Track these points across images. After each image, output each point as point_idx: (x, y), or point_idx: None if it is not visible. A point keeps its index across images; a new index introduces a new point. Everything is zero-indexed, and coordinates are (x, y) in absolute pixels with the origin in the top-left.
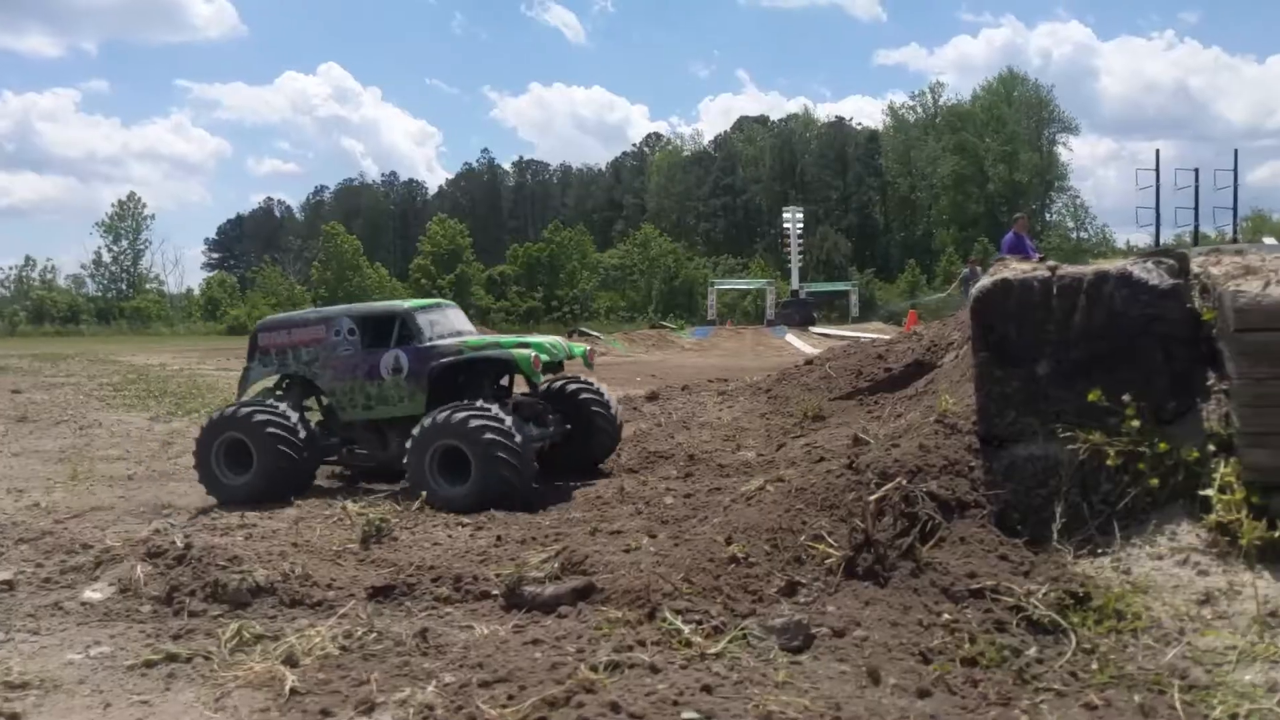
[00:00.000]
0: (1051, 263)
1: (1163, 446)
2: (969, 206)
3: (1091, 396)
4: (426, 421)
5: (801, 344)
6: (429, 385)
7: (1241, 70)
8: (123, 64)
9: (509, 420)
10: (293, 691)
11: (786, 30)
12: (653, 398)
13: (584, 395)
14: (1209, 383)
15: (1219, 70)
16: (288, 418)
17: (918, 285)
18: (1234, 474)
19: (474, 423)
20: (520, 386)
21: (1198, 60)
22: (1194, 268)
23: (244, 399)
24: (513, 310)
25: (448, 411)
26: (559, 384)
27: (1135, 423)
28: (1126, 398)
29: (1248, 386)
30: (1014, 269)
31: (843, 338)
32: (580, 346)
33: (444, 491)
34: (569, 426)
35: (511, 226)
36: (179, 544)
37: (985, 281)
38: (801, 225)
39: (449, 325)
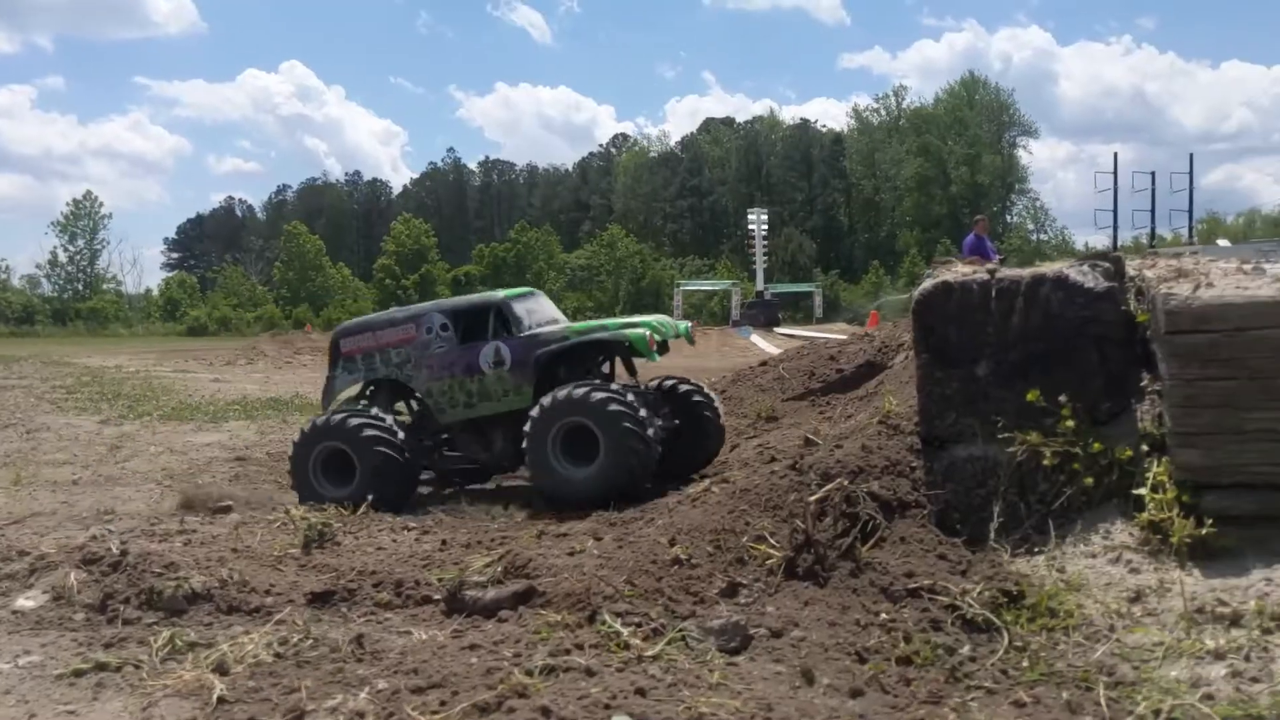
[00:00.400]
0: (990, 266)
1: (1097, 447)
2: (932, 208)
3: (1030, 396)
4: (546, 401)
5: (766, 345)
6: (536, 375)
7: (1196, 76)
8: (79, 60)
9: (635, 399)
10: (221, 700)
11: (752, 32)
12: None
13: (694, 395)
14: (1143, 384)
15: (1175, 76)
16: (387, 423)
17: (882, 286)
18: (1166, 473)
19: (601, 397)
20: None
21: (1154, 66)
22: (1130, 270)
23: (335, 408)
24: None
25: (570, 388)
26: (666, 382)
27: (1071, 423)
28: (1063, 398)
29: (1178, 387)
30: (956, 272)
31: (807, 338)
32: (684, 324)
33: (566, 473)
34: (677, 422)
35: (477, 227)
36: (115, 550)
37: (926, 284)
38: (766, 227)
39: (545, 313)
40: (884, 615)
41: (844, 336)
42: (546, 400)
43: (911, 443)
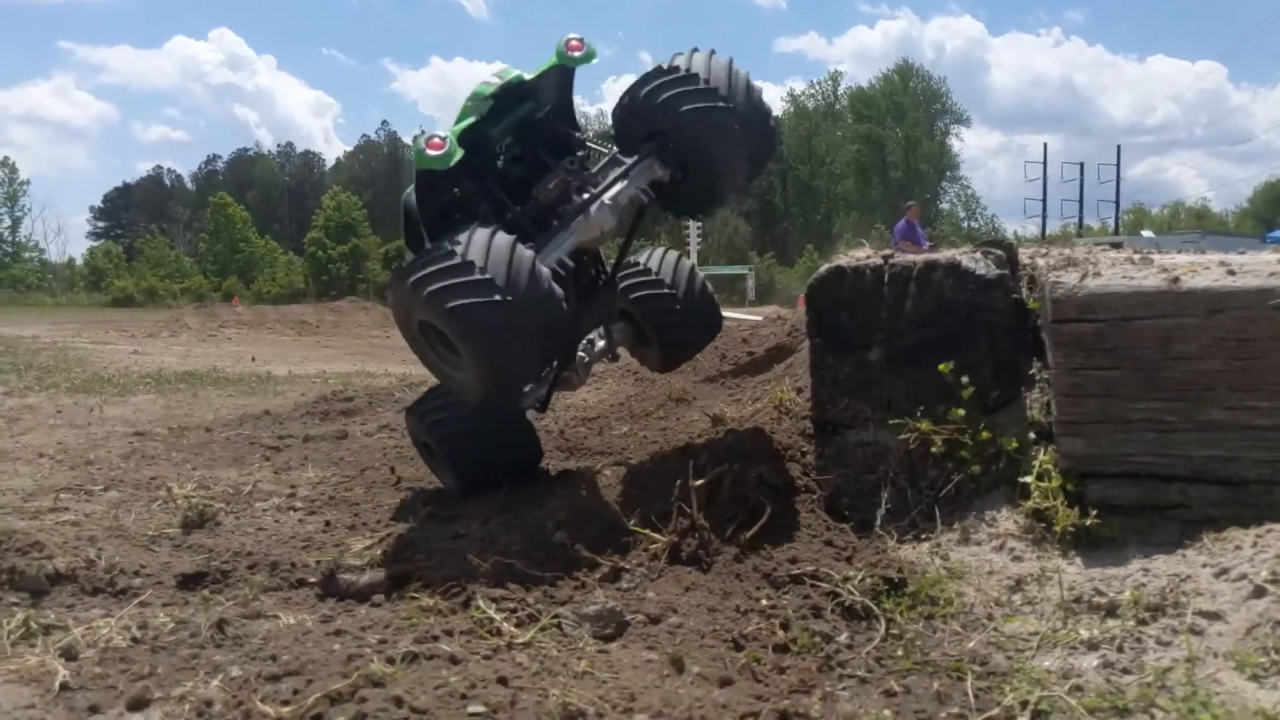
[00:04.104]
0: (886, 251)
1: (984, 435)
2: (869, 193)
3: (943, 367)
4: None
5: None
6: None
7: (1124, 69)
8: (2, 23)
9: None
10: (63, 687)
11: (689, 14)
12: None
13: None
14: (1033, 372)
15: (1102, 68)
16: None
17: (816, 270)
18: (1051, 462)
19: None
20: None
21: (1083, 58)
22: (1023, 259)
23: None
24: None
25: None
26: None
27: (960, 411)
28: (965, 379)
29: (1063, 376)
30: (849, 257)
31: (740, 320)
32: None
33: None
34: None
35: None
36: None
37: (820, 270)
38: None
39: None
40: (765, 602)
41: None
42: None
43: (804, 427)
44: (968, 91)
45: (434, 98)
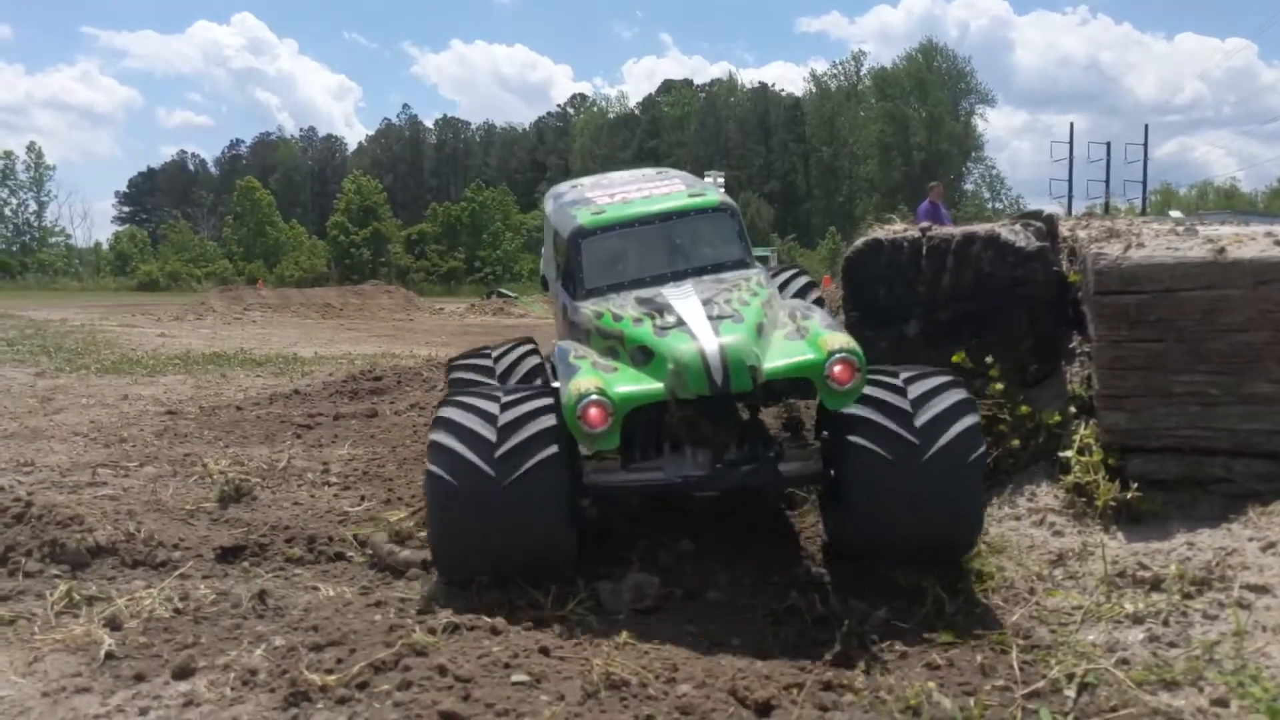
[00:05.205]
0: (924, 224)
1: (1024, 409)
2: (892, 174)
3: (956, 358)
4: None
5: None
6: None
7: (1151, 47)
8: (25, 8)
9: None
10: (109, 655)
11: None
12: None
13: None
14: (1072, 345)
15: (1129, 46)
16: None
17: (838, 251)
18: (1092, 436)
19: None
20: None
21: (1109, 36)
22: (1063, 231)
23: None
24: (433, 270)
25: None
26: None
27: (999, 385)
28: (989, 359)
29: (1106, 349)
30: (885, 230)
31: None
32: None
33: None
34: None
35: (432, 185)
36: (20, 501)
37: (857, 242)
38: (723, 190)
39: None
40: (804, 577)
41: None
42: None
43: None
44: (992, 71)
45: (454, 81)
